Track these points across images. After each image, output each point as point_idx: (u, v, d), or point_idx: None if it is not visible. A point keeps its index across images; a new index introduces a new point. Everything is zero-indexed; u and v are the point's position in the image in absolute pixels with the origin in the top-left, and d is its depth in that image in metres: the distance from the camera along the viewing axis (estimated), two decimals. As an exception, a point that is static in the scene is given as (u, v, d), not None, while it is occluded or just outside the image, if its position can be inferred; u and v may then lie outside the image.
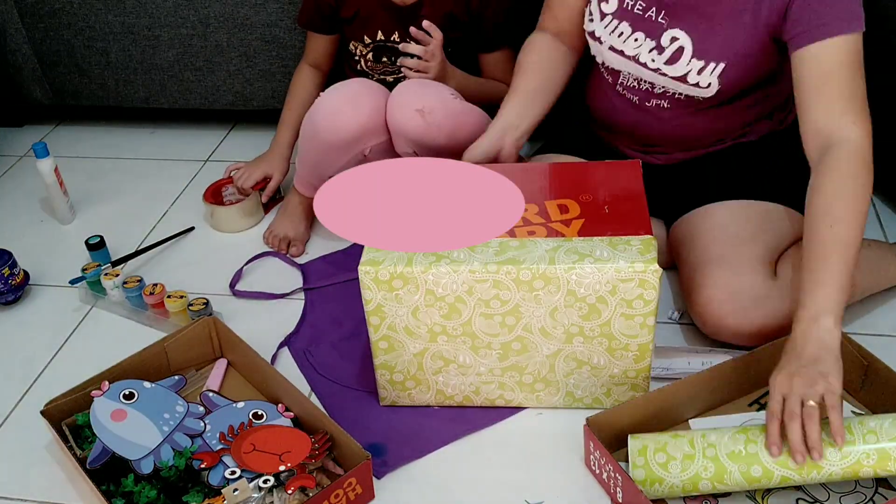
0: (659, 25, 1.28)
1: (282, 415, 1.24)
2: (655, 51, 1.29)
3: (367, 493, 1.16)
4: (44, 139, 2.16)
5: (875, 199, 1.68)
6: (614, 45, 1.33)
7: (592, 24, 1.35)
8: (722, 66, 1.26)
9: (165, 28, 1.92)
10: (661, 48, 1.29)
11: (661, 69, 1.30)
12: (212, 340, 1.39)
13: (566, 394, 1.25)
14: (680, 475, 1.07)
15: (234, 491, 1.11)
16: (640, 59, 1.31)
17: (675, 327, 1.41)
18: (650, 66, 1.31)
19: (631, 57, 1.32)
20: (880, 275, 1.38)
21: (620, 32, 1.32)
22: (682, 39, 1.27)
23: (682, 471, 1.07)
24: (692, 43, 1.26)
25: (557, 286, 1.12)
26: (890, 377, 1.17)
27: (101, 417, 1.21)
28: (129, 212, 1.85)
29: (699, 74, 1.27)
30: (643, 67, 1.32)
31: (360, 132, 1.48)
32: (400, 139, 1.49)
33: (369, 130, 1.49)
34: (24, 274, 1.60)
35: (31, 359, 1.47)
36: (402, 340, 1.21)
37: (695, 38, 1.26)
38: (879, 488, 1.11)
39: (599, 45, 1.36)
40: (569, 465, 1.19)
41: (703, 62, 1.26)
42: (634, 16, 1.30)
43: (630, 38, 1.31)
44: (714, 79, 1.27)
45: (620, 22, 1.32)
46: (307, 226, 1.70)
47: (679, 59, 1.28)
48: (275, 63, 1.93)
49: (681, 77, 1.29)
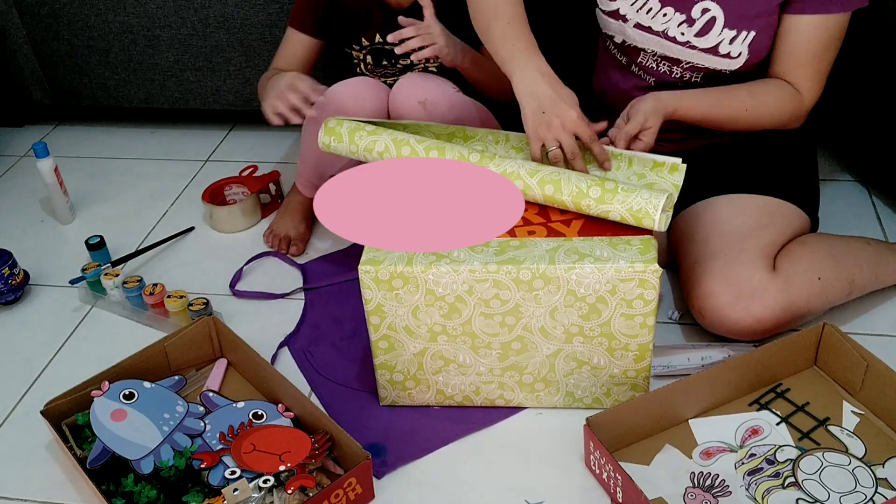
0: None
1: (282, 415, 1.24)
2: (686, 24, 1.30)
3: (367, 493, 1.16)
4: (44, 139, 2.16)
5: (875, 199, 1.68)
6: (641, 21, 1.34)
7: (615, 3, 1.36)
8: (753, 34, 1.28)
9: (165, 28, 1.92)
10: (692, 20, 1.30)
11: (692, 42, 1.31)
12: (212, 340, 1.39)
13: (566, 394, 1.25)
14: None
15: (234, 491, 1.11)
16: (668, 33, 1.32)
17: (675, 327, 1.41)
18: (679, 39, 1.32)
19: (659, 32, 1.33)
20: (879, 273, 1.38)
21: (649, 8, 1.32)
22: (713, 10, 1.28)
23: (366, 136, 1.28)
24: (724, 13, 1.28)
25: (557, 286, 1.12)
26: (890, 377, 1.17)
27: (101, 417, 1.21)
28: (129, 212, 1.85)
29: (731, 44, 1.29)
30: (672, 42, 1.33)
31: None
32: None
33: None
34: (24, 274, 1.60)
35: (31, 359, 1.47)
36: (402, 340, 1.21)
37: (726, 7, 1.28)
38: (879, 488, 1.11)
39: (622, 24, 1.36)
40: (569, 465, 1.19)
41: (735, 31, 1.28)
42: None
43: (659, 13, 1.32)
44: (745, 48, 1.29)
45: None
46: (307, 226, 1.70)
47: (710, 31, 1.29)
48: (275, 63, 1.93)
49: (712, 48, 1.30)
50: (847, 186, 1.73)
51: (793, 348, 1.25)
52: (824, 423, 1.20)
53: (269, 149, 2.03)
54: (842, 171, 1.77)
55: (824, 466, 1.14)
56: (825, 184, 1.72)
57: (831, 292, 1.30)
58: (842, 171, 1.77)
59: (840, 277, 1.31)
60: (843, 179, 1.75)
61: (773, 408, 1.23)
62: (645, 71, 1.39)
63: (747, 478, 1.14)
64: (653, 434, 1.20)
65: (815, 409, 1.22)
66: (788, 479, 1.13)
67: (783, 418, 1.21)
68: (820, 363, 1.28)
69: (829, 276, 1.29)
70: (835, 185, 1.73)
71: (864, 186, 1.72)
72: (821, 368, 1.28)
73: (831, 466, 1.14)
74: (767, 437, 1.19)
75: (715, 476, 1.14)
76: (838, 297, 1.32)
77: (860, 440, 1.17)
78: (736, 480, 1.14)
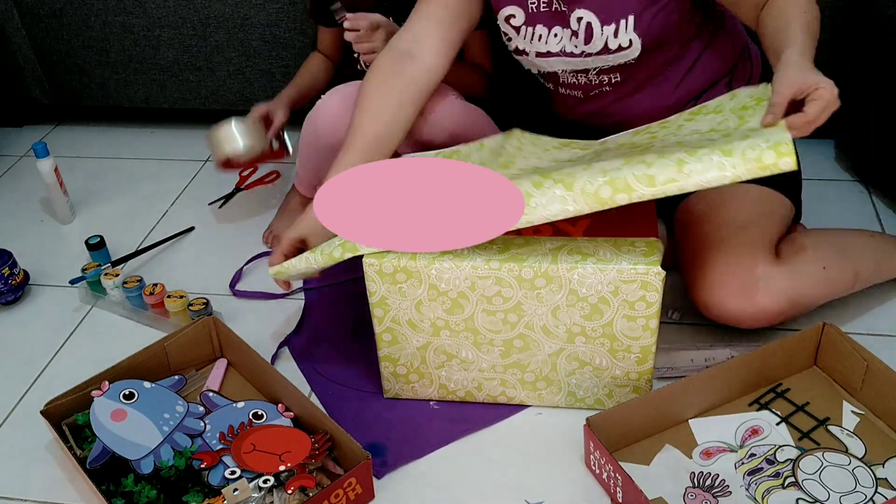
0: (563, 14, 1.30)
1: (282, 415, 1.24)
2: (574, 36, 1.31)
3: (367, 493, 1.16)
4: (44, 139, 2.16)
5: (875, 199, 1.68)
6: (539, 49, 1.35)
7: (513, 42, 1.38)
8: (631, 18, 1.26)
9: (165, 28, 1.92)
10: (575, 32, 1.30)
11: (585, 50, 1.31)
12: (212, 340, 1.39)
13: (568, 393, 1.25)
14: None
15: (234, 491, 1.10)
16: (566, 50, 1.33)
17: (675, 327, 1.41)
18: (576, 52, 1.32)
19: (557, 53, 1.34)
20: (883, 265, 1.38)
21: (539, 35, 1.34)
22: (585, 16, 1.28)
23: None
24: (595, 14, 1.28)
25: (559, 285, 1.12)
26: (890, 377, 1.17)
27: (101, 417, 1.21)
28: (129, 212, 1.85)
29: (616, 38, 1.28)
30: (571, 57, 1.33)
31: None
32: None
33: None
34: (24, 274, 1.60)
35: (31, 359, 1.47)
36: (405, 333, 1.21)
37: (595, 8, 1.28)
38: (879, 488, 1.11)
39: (527, 58, 1.38)
40: (569, 465, 1.19)
41: (614, 25, 1.27)
42: (542, 15, 1.32)
43: (549, 35, 1.33)
44: (632, 34, 1.27)
45: (535, 26, 1.34)
46: None
47: (593, 34, 1.29)
48: (275, 63, 1.93)
49: (603, 49, 1.30)
50: (847, 186, 1.73)
51: (793, 348, 1.25)
52: (824, 423, 1.20)
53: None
54: (842, 171, 1.77)
55: (824, 466, 1.14)
56: (825, 184, 1.72)
57: (836, 283, 1.30)
58: (842, 171, 1.77)
59: (844, 268, 1.31)
60: (843, 179, 1.75)
61: (773, 408, 1.23)
62: (569, 87, 1.40)
63: (747, 478, 1.14)
64: (653, 434, 1.20)
65: (815, 409, 1.22)
66: (788, 479, 1.13)
67: (783, 418, 1.21)
68: (820, 363, 1.28)
69: (833, 267, 1.29)
70: (835, 185, 1.73)
71: (864, 186, 1.72)
72: (821, 368, 1.28)
73: (831, 466, 1.14)
74: (767, 437, 1.19)
75: (715, 476, 1.14)
76: (843, 288, 1.32)
77: (860, 440, 1.17)
78: (736, 480, 1.13)
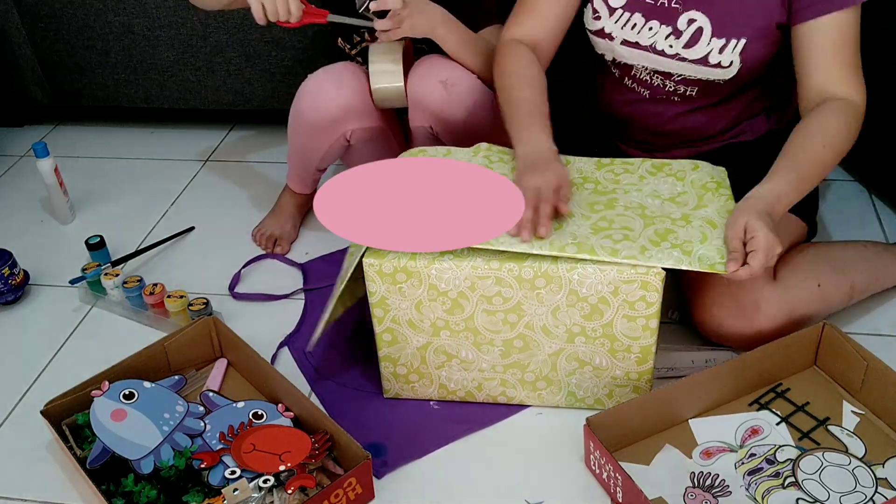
0: (674, 10, 1.28)
1: (282, 415, 1.24)
2: (673, 36, 1.28)
3: (367, 493, 1.16)
4: (44, 139, 2.16)
5: (875, 199, 1.68)
6: (627, 38, 1.32)
7: (599, 22, 1.34)
8: (743, 41, 1.25)
9: (165, 28, 1.92)
10: (679, 32, 1.28)
11: (681, 53, 1.29)
12: (212, 340, 1.39)
13: (568, 393, 1.25)
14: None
15: (234, 491, 1.10)
16: (656, 47, 1.30)
17: (675, 327, 1.41)
18: (668, 52, 1.30)
19: (647, 47, 1.31)
20: (879, 275, 1.38)
21: (634, 24, 1.31)
22: (699, 20, 1.26)
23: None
24: (710, 22, 1.26)
25: (559, 285, 1.12)
26: (890, 377, 1.17)
27: (101, 417, 1.21)
28: (129, 212, 1.85)
29: (720, 53, 1.26)
30: (660, 56, 1.31)
31: (343, 111, 1.47)
32: (418, 111, 1.47)
33: (352, 111, 1.47)
34: (24, 274, 1.60)
35: (31, 359, 1.46)
36: (405, 333, 1.21)
37: (712, 16, 1.25)
38: (879, 488, 1.11)
39: (609, 42, 1.34)
40: (569, 465, 1.19)
41: (724, 40, 1.25)
42: (646, 5, 1.29)
43: (644, 27, 1.30)
44: (736, 56, 1.26)
45: (633, 13, 1.31)
46: (294, 224, 1.71)
47: (699, 41, 1.27)
48: (275, 63, 1.93)
49: (702, 59, 1.28)
50: (847, 186, 1.73)
51: (793, 348, 1.25)
52: (824, 423, 1.20)
53: (270, 149, 2.03)
54: (842, 171, 1.77)
55: (824, 466, 1.14)
56: (825, 184, 1.72)
57: (832, 298, 1.30)
58: (842, 171, 1.77)
59: (839, 283, 1.31)
60: (843, 179, 1.75)
61: (773, 408, 1.23)
62: (639, 84, 1.38)
63: (747, 478, 1.14)
64: (653, 434, 1.20)
65: (815, 408, 1.22)
66: (788, 478, 1.13)
67: (783, 418, 1.21)
68: (820, 363, 1.28)
69: (828, 283, 1.29)
70: (835, 185, 1.73)
71: (864, 186, 1.72)
72: (821, 368, 1.28)
73: (831, 466, 1.14)
74: (767, 436, 1.19)
75: (715, 476, 1.14)
76: (839, 302, 1.32)
77: (860, 440, 1.17)
78: (736, 480, 1.14)
